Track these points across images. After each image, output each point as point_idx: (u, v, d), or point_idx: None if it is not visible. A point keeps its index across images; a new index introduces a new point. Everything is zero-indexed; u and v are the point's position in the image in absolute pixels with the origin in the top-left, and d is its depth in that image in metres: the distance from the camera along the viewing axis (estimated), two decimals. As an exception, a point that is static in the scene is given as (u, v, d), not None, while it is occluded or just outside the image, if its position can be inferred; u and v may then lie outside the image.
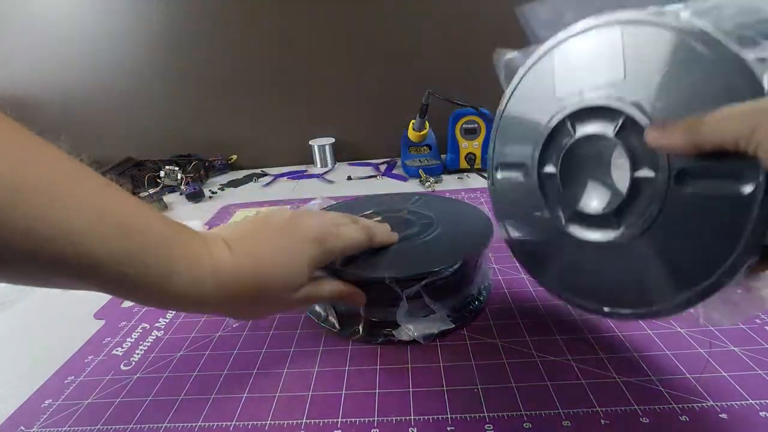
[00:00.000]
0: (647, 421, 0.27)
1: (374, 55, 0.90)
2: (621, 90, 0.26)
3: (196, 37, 0.93)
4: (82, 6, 0.88)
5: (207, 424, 0.29)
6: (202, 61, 0.94)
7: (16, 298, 0.50)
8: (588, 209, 0.30)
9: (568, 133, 0.30)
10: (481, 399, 0.29)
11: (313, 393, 0.31)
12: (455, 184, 0.75)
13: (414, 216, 0.45)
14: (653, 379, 0.30)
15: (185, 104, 0.97)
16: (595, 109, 0.28)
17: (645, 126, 0.25)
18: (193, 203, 0.79)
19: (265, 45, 0.91)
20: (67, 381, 0.35)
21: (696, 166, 0.23)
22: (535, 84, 0.32)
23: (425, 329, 0.35)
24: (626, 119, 0.26)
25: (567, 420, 0.27)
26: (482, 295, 0.40)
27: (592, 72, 0.28)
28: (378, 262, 0.36)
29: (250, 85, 0.94)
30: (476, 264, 0.39)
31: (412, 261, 0.36)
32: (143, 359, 0.37)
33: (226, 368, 0.35)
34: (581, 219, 0.30)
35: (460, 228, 0.42)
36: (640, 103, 0.25)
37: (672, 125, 0.23)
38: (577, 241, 0.30)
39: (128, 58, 0.94)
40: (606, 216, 0.28)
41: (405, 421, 0.28)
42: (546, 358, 0.33)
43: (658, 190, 0.25)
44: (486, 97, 0.37)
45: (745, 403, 0.28)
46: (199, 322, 0.41)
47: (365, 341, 0.36)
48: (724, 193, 0.22)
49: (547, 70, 0.31)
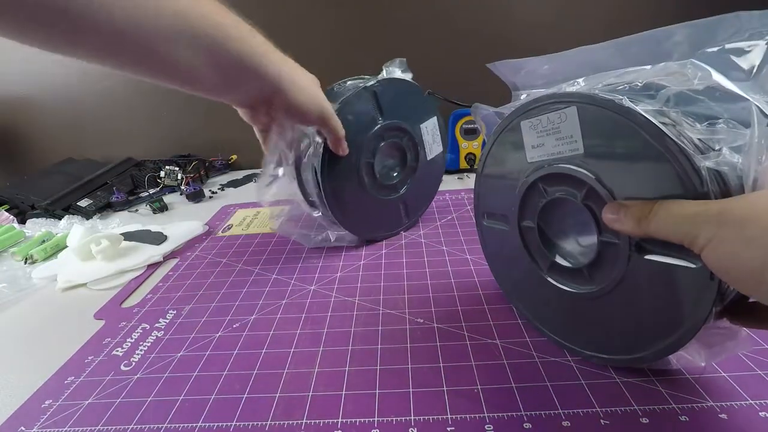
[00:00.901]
0: (647, 422, 0.27)
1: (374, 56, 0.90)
2: (583, 162, 0.28)
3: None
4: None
5: (207, 425, 0.29)
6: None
7: (16, 298, 0.50)
8: (564, 263, 0.32)
9: (541, 194, 0.32)
10: (481, 399, 0.29)
11: (314, 393, 0.31)
12: (455, 184, 0.75)
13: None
14: (653, 379, 0.30)
15: (185, 104, 0.97)
16: (563, 175, 0.30)
17: (605, 197, 0.27)
18: (193, 203, 0.79)
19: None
20: (67, 381, 0.35)
21: (651, 241, 0.25)
22: (507, 148, 0.34)
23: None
24: (590, 188, 0.28)
25: (567, 420, 0.27)
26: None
27: (556, 143, 0.30)
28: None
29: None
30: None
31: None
32: (143, 359, 0.37)
33: (226, 369, 0.35)
34: (559, 270, 0.32)
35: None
36: (600, 177, 0.27)
37: (624, 212, 0.24)
38: (558, 289, 0.32)
39: (128, 58, 0.94)
40: (580, 270, 0.30)
41: (405, 422, 0.28)
42: (546, 359, 0.33)
43: (622, 255, 0.27)
44: (486, 98, 0.38)
45: (745, 403, 0.28)
46: (199, 322, 0.41)
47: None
48: (678, 265, 0.24)
49: (517, 137, 0.32)
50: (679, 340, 0.25)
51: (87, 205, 0.76)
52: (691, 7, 0.65)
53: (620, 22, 0.88)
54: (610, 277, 0.28)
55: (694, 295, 0.24)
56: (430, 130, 0.56)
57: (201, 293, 0.46)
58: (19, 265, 0.58)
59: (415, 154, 0.55)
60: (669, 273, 0.25)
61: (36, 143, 1.06)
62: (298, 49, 0.43)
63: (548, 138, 0.30)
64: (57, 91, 0.97)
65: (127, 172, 0.88)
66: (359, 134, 0.49)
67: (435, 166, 0.58)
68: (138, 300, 0.47)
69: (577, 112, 0.27)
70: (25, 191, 0.80)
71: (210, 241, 0.60)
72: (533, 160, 0.32)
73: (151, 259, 0.55)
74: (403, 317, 0.39)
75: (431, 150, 0.57)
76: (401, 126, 0.52)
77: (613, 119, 0.25)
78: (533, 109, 0.30)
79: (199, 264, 0.53)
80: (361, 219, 0.53)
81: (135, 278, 0.51)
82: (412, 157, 0.55)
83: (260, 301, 0.44)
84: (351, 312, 0.41)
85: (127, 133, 1.01)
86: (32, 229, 0.70)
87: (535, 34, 0.85)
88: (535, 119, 0.30)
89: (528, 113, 0.31)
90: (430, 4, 0.86)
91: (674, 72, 0.25)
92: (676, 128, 0.23)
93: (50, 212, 0.75)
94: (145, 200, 0.79)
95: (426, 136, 0.56)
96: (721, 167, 0.22)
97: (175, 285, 0.49)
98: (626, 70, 0.28)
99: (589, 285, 0.30)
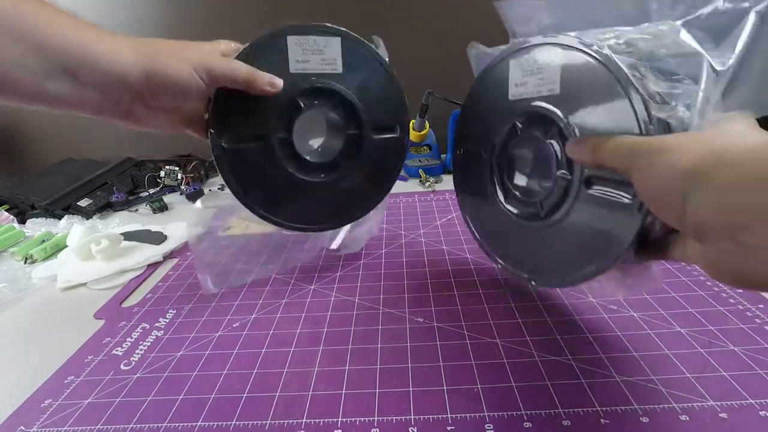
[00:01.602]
0: (647, 421, 0.27)
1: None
2: (557, 102, 0.32)
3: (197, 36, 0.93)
4: (83, 5, 0.88)
5: (207, 424, 0.29)
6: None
7: (16, 298, 0.50)
8: (522, 195, 0.37)
9: (515, 131, 0.36)
10: (481, 398, 0.29)
11: (313, 392, 0.31)
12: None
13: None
14: (653, 378, 0.30)
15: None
16: (537, 115, 0.33)
17: (569, 135, 0.31)
18: (194, 203, 0.79)
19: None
20: (66, 381, 0.35)
21: (598, 175, 0.29)
22: (493, 83, 0.38)
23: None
24: (558, 128, 0.32)
25: (567, 419, 0.27)
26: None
27: (537, 83, 0.33)
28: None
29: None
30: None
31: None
32: (143, 359, 0.37)
33: (226, 368, 0.35)
34: (517, 201, 0.37)
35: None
36: (569, 117, 0.31)
37: (583, 143, 0.28)
38: (513, 219, 0.37)
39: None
40: (535, 203, 0.35)
41: (405, 421, 0.28)
42: (546, 358, 0.33)
43: (573, 188, 0.31)
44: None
45: (745, 402, 0.28)
46: (199, 322, 0.41)
47: None
48: (613, 199, 0.28)
49: (503, 74, 0.36)
50: (603, 265, 0.30)
51: (87, 205, 0.76)
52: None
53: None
54: (560, 209, 0.33)
55: (623, 226, 0.28)
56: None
57: (201, 293, 0.46)
58: (19, 265, 0.58)
59: (356, 126, 0.43)
60: (606, 205, 0.29)
61: (36, 143, 1.06)
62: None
63: (532, 77, 0.34)
64: (57, 91, 0.97)
65: (127, 172, 0.88)
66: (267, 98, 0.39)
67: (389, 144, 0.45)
68: (138, 300, 0.47)
69: (563, 55, 0.31)
70: (25, 191, 0.80)
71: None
72: (515, 97, 0.35)
73: (151, 258, 0.55)
74: (403, 316, 0.39)
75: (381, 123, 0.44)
76: (330, 87, 0.41)
77: (592, 66, 0.29)
78: (524, 48, 0.34)
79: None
80: (280, 204, 0.43)
81: (135, 278, 0.51)
82: (351, 132, 0.43)
83: (260, 301, 0.44)
84: (351, 311, 0.41)
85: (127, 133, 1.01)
86: (32, 229, 0.70)
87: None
88: (523, 58, 0.34)
89: (517, 53, 0.35)
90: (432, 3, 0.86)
91: (653, 31, 0.28)
92: (643, 81, 0.27)
93: (50, 212, 0.75)
94: (145, 200, 0.79)
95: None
96: (671, 120, 0.26)
97: (174, 285, 0.49)
98: (614, 28, 0.31)
99: (542, 216, 0.34)
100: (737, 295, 0.38)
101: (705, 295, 0.39)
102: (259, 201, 0.42)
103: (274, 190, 0.42)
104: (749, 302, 0.37)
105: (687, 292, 0.39)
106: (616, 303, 0.38)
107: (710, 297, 0.39)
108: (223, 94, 0.38)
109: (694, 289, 0.40)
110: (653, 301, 0.38)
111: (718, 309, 0.37)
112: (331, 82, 0.41)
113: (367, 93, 0.43)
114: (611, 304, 0.38)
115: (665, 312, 0.37)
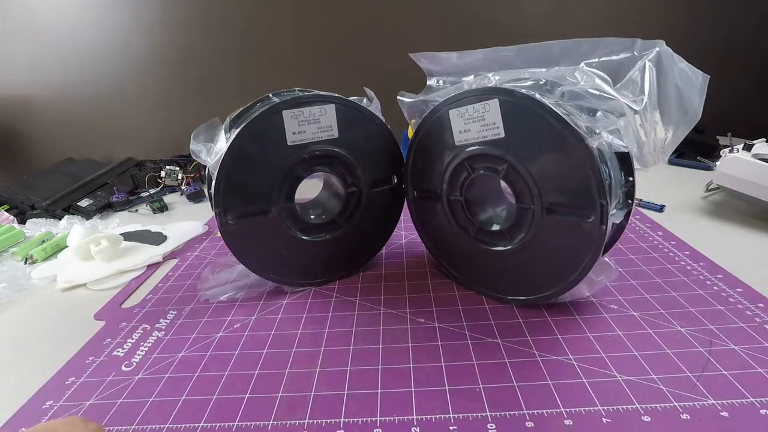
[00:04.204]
0: (649, 420, 0.27)
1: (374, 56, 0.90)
2: (504, 143, 0.35)
3: (198, 37, 0.93)
4: (83, 7, 0.88)
5: (209, 425, 0.29)
6: (203, 62, 0.94)
7: (16, 299, 0.49)
8: (488, 228, 0.39)
9: (467, 171, 0.38)
10: (483, 398, 0.30)
11: (316, 393, 0.31)
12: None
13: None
14: (654, 377, 0.30)
15: (186, 104, 0.97)
16: (486, 156, 0.36)
17: (521, 172, 0.35)
18: (194, 203, 0.79)
19: (264, 47, 0.91)
20: (68, 382, 0.35)
21: (558, 203, 0.34)
22: (437, 131, 0.39)
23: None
24: (509, 165, 0.35)
25: (569, 419, 0.27)
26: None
27: (480, 129, 0.36)
28: None
29: (251, 86, 0.94)
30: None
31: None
32: (144, 360, 0.37)
33: (227, 369, 0.35)
34: (484, 234, 0.40)
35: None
36: (516, 156, 0.35)
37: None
38: (483, 249, 0.40)
39: (129, 58, 0.94)
40: (502, 233, 0.38)
41: (407, 421, 0.28)
42: (547, 357, 0.33)
43: (536, 217, 0.35)
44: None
45: (746, 401, 0.28)
46: (200, 322, 0.41)
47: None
48: (575, 222, 0.33)
49: (445, 123, 0.38)
50: (579, 276, 0.34)
51: (87, 205, 0.76)
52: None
53: (621, 21, 0.88)
54: (526, 235, 0.36)
55: (591, 240, 0.32)
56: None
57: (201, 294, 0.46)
58: (19, 265, 0.58)
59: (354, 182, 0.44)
60: (571, 226, 0.33)
61: (36, 143, 1.06)
62: (300, 52, 0.43)
63: (474, 125, 0.36)
64: (57, 91, 0.97)
65: (127, 172, 0.88)
66: (269, 170, 0.41)
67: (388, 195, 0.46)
68: (138, 300, 0.47)
69: (499, 103, 0.34)
70: (25, 191, 0.80)
71: (210, 241, 0.60)
72: (461, 143, 0.38)
73: (151, 259, 0.55)
74: (404, 317, 0.39)
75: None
76: (328, 153, 0.42)
77: (528, 109, 0.33)
78: (460, 100, 0.36)
79: (199, 264, 0.53)
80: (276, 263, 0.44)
81: (135, 278, 0.51)
82: (351, 188, 0.44)
83: (261, 301, 0.44)
84: (352, 312, 0.41)
85: (127, 133, 1.01)
86: (32, 230, 0.70)
87: (535, 39, 0.85)
88: (462, 108, 0.36)
89: (456, 103, 0.37)
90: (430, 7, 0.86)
91: (566, 75, 0.34)
92: (570, 117, 0.31)
93: (50, 212, 0.75)
94: (146, 200, 0.79)
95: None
96: (602, 146, 0.32)
97: (175, 285, 0.49)
98: (526, 70, 0.36)
99: (510, 243, 0.38)
100: (737, 294, 0.38)
101: (705, 294, 0.39)
102: (268, 265, 0.44)
103: (279, 252, 0.44)
104: (749, 301, 0.37)
105: (687, 292, 0.40)
106: (617, 303, 0.39)
107: (710, 296, 0.39)
108: (225, 175, 0.39)
109: (694, 288, 0.40)
110: (653, 300, 0.39)
111: (718, 308, 0.37)
112: (328, 147, 0.42)
113: (363, 150, 0.44)
114: (611, 304, 0.38)
115: (665, 311, 0.37)
